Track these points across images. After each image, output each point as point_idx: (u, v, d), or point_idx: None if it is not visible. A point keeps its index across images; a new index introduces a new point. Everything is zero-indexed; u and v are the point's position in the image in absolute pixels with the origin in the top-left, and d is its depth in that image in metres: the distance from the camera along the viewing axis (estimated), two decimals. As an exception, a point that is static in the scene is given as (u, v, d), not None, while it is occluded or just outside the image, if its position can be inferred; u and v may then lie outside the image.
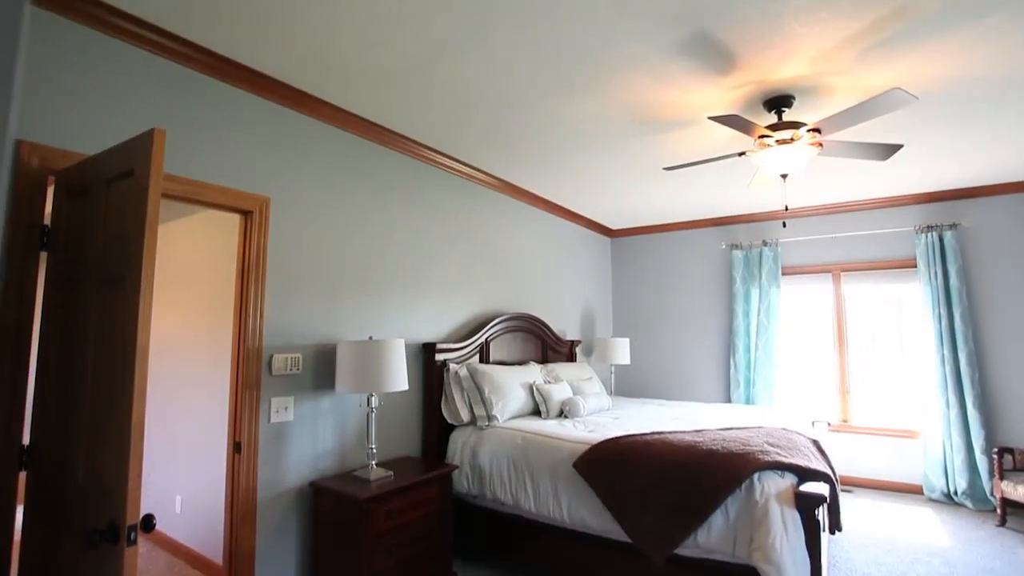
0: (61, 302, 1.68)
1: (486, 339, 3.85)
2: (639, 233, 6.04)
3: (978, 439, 4.18)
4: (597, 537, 2.67)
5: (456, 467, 3.03)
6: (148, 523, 1.19)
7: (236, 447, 2.39)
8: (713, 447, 2.50)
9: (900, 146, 2.76)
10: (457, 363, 3.52)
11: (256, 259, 2.48)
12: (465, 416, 3.28)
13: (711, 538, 2.29)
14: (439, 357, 3.42)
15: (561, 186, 4.43)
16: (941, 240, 4.47)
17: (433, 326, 3.55)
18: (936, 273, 4.45)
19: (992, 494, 3.99)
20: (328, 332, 2.82)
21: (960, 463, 4.24)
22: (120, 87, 2.08)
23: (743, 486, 2.27)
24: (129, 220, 1.36)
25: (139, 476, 1.20)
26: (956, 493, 4.26)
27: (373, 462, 2.67)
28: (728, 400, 5.31)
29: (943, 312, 4.40)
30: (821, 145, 2.78)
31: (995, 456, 3.86)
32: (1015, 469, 3.89)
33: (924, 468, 4.45)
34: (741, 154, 2.97)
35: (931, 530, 3.75)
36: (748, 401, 5.13)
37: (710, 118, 2.50)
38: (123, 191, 1.45)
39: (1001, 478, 3.78)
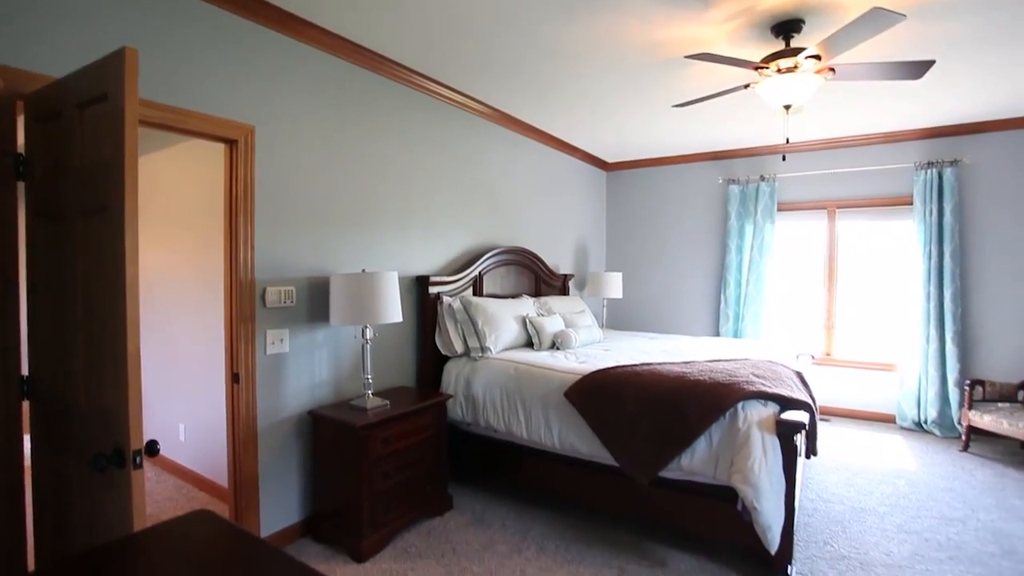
0: (45, 233, 1.64)
1: (480, 272, 3.86)
2: (635, 167, 5.92)
3: (953, 372, 4.35)
4: (586, 461, 2.81)
5: (450, 396, 3.12)
6: (152, 448, 1.23)
7: (235, 378, 2.44)
8: (700, 378, 2.59)
9: (932, 62, 2.50)
10: (451, 296, 3.54)
11: (244, 191, 2.42)
12: (459, 348, 3.35)
13: (694, 462, 2.41)
14: (433, 290, 3.44)
15: (558, 118, 4.28)
16: (940, 177, 4.42)
17: (427, 259, 3.54)
18: (931, 211, 4.44)
19: (959, 423, 4.20)
20: (321, 265, 2.81)
21: (933, 394, 4.43)
22: (91, 4, 1.93)
23: (727, 414, 2.37)
24: (107, 147, 1.31)
25: (139, 403, 1.22)
26: (926, 422, 4.48)
27: (369, 392, 2.74)
28: (717, 334, 5.43)
29: (934, 250, 4.43)
30: (833, 71, 2.64)
31: (967, 388, 4.03)
32: (984, 400, 4.08)
33: (898, 399, 4.64)
34: (746, 86, 2.85)
35: (900, 455, 3.97)
36: (736, 335, 5.25)
37: (687, 57, 2.41)
38: (97, 116, 1.38)
39: (970, 408, 3.97)
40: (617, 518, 2.90)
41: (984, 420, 3.84)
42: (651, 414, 2.52)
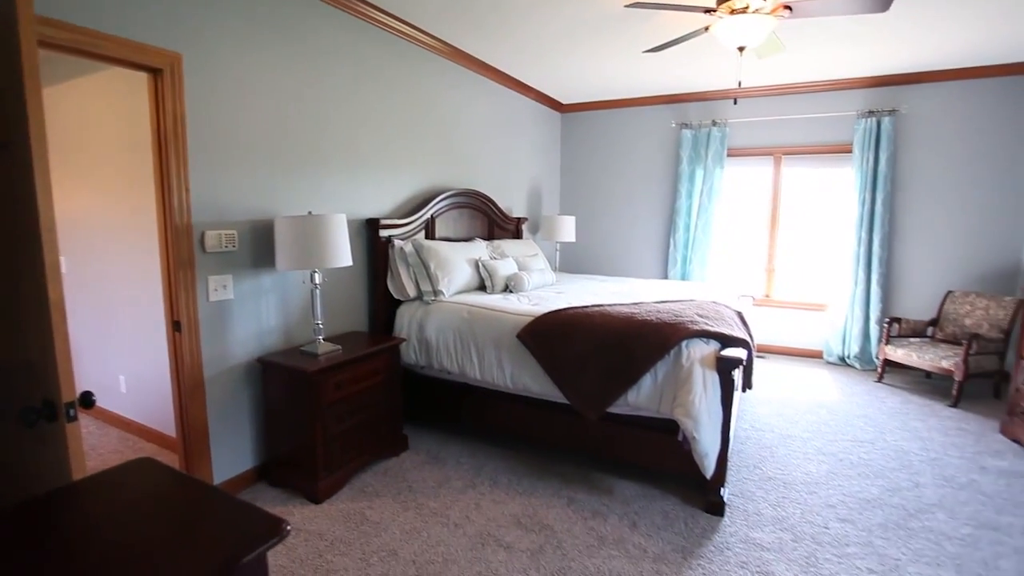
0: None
1: (432, 215, 3.78)
2: (590, 109, 5.83)
3: (875, 311, 4.70)
4: (537, 400, 2.91)
5: (404, 340, 3.12)
6: (87, 400, 1.17)
7: (175, 326, 2.34)
8: (648, 318, 2.68)
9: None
10: (402, 239, 3.47)
11: (174, 126, 2.23)
12: (411, 291, 3.32)
13: (640, 397, 2.54)
14: (383, 233, 3.35)
15: (513, 56, 4.11)
16: (879, 126, 4.58)
17: (376, 201, 3.43)
18: (868, 159, 4.63)
19: (877, 357, 4.59)
20: (264, 207, 2.67)
21: (857, 331, 4.79)
22: None
23: (672, 352, 2.49)
24: (2, 73, 1.16)
25: (67, 354, 1.15)
26: (849, 357, 4.87)
27: (320, 337, 2.70)
28: (666, 276, 5.61)
29: (867, 197, 4.66)
30: (789, 8, 2.61)
31: (886, 325, 4.38)
32: (900, 335, 4.45)
33: (827, 336, 5.00)
34: (710, 11, 2.77)
35: (824, 387, 4.33)
36: (684, 277, 5.44)
37: (626, 7, 2.33)
38: (-10, 34, 1.21)
39: (887, 343, 4.33)
40: (567, 452, 3.05)
41: (898, 354, 4.20)
42: (601, 353, 2.61)
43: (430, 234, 3.79)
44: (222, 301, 2.51)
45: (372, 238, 3.34)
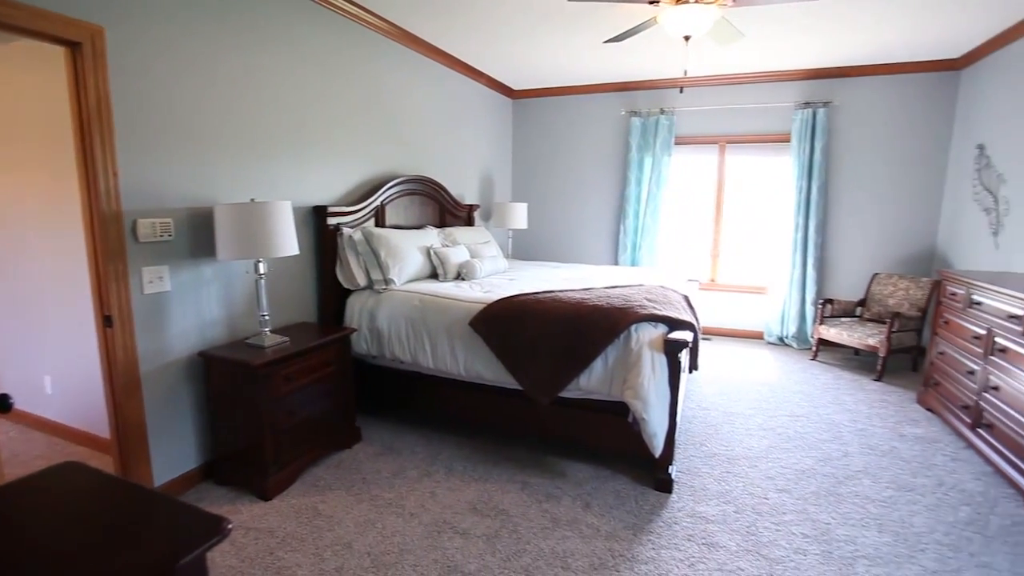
0: None
1: (381, 202, 3.70)
2: (541, 95, 5.83)
3: (810, 293, 4.97)
4: (491, 386, 2.93)
5: (354, 330, 3.06)
6: (3, 403, 1.09)
7: (106, 321, 2.20)
8: (598, 303, 2.74)
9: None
10: (351, 227, 3.39)
11: (97, 106, 2.08)
12: (361, 280, 3.25)
13: (591, 381, 2.60)
14: (331, 221, 3.26)
15: (463, 39, 4.05)
16: (814, 117, 4.81)
17: (324, 188, 3.32)
18: (805, 148, 4.86)
19: (811, 336, 4.87)
20: (202, 194, 2.54)
21: (794, 313, 5.06)
22: None
23: (621, 336, 2.55)
24: None
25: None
26: (787, 337, 5.14)
27: (266, 329, 2.61)
28: (616, 262, 5.73)
29: (804, 184, 4.90)
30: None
31: (819, 306, 4.65)
32: (832, 316, 4.73)
33: (767, 318, 5.26)
34: (653, 2, 2.80)
35: (764, 366, 4.55)
36: (634, 263, 5.58)
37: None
38: None
39: (821, 323, 4.60)
40: (521, 437, 3.09)
41: (830, 333, 4.47)
42: (552, 339, 2.65)
43: (380, 222, 3.71)
44: (158, 293, 2.38)
45: (320, 226, 3.24)
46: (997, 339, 2.81)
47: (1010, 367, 2.67)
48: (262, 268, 2.55)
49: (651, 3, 2.78)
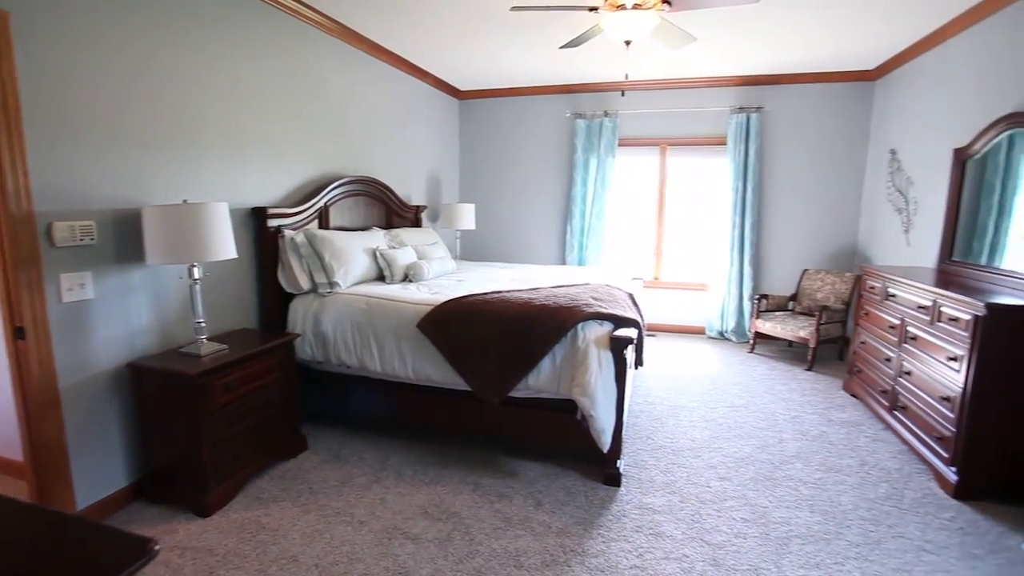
0: None
1: (325, 204, 3.61)
2: (488, 96, 5.84)
3: (747, 289, 5.23)
4: (440, 388, 2.91)
5: (298, 335, 2.97)
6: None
7: (17, 333, 2.03)
8: (546, 303, 2.77)
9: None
10: (293, 229, 3.28)
11: (3, 98, 1.91)
12: (305, 284, 3.16)
13: (540, 380, 2.63)
14: (272, 223, 3.15)
15: (407, 38, 4.00)
16: (748, 121, 5.05)
17: (263, 189, 3.20)
18: (740, 151, 5.10)
19: (749, 330, 5.12)
20: (129, 195, 2.39)
21: (733, 308, 5.30)
22: None
23: (569, 335, 2.60)
24: None
25: None
26: (726, 331, 5.38)
27: (203, 337, 2.48)
28: (563, 262, 5.82)
29: (740, 185, 5.14)
30: (668, 3, 2.77)
31: (756, 301, 4.90)
32: (767, 310, 5.00)
33: (708, 314, 5.48)
34: (592, 9, 2.87)
35: (706, 360, 4.75)
36: (580, 263, 5.68)
37: (512, 10, 2.46)
38: None
39: (757, 317, 4.84)
40: (471, 438, 3.09)
41: (766, 326, 4.72)
42: (501, 339, 2.66)
43: (324, 223, 3.61)
44: (79, 302, 2.22)
45: (259, 228, 3.12)
46: (909, 328, 3.04)
47: (920, 353, 2.91)
48: (197, 273, 2.43)
49: (591, 10, 2.84)
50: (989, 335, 2.40)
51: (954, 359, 2.57)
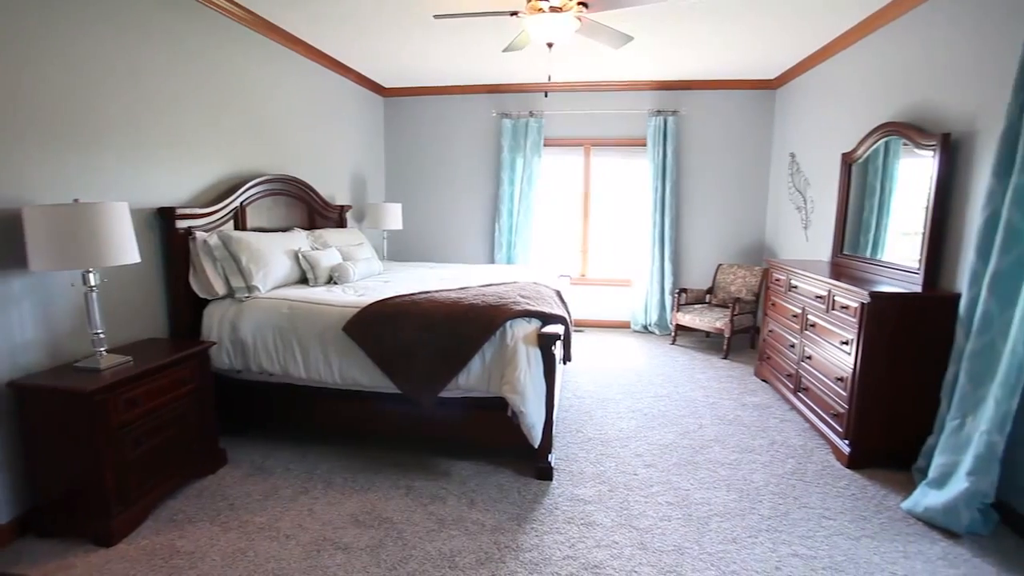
0: None
1: (241, 203, 3.41)
2: (413, 94, 5.76)
3: (668, 283, 5.50)
4: (369, 392, 2.84)
5: (214, 343, 2.79)
6: None
7: None
8: (474, 302, 2.78)
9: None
10: (206, 231, 3.08)
11: None
12: (220, 289, 2.97)
13: (470, 379, 2.64)
14: (182, 224, 2.94)
15: (329, 32, 3.87)
16: (665, 124, 5.31)
17: (171, 188, 2.98)
18: (659, 152, 5.35)
19: (670, 323, 5.39)
20: (6, 193, 2.14)
21: (655, 302, 5.56)
22: None
23: (497, 333, 2.62)
24: None
25: None
26: (650, 324, 5.64)
27: (102, 349, 2.28)
28: (492, 261, 5.85)
29: (659, 185, 5.39)
30: (585, 6, 2.88)
31: (676, 295, 5.16)
32: (687, 303, 5.28)
33: (632, 308, 5.71)
34: (513, 13, 2.92)
35: (631, 353, 4.95)
36: (509, 261, 5.73)
37: (436, 17, 2.52)
38: None
39: (677, 310, 5.11)
40: (403, 441, 3.04)
41: (685, 319, 4.99)
42: (429, 339, 2.64)
43: (240, 224, 3.42)
44: (-52, 315, 1.96)
45: (167, 230, 2.90)
46: (809, 316, 3.33)
47: (818, 339, 3.19)
48: (93, 280, 2.22)
49: (512, 14, 2.89)
50: (873, 320, 2.68)
51: (846, 343, 2.84)
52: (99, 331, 2.27)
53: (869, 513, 2.41)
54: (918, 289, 2.79)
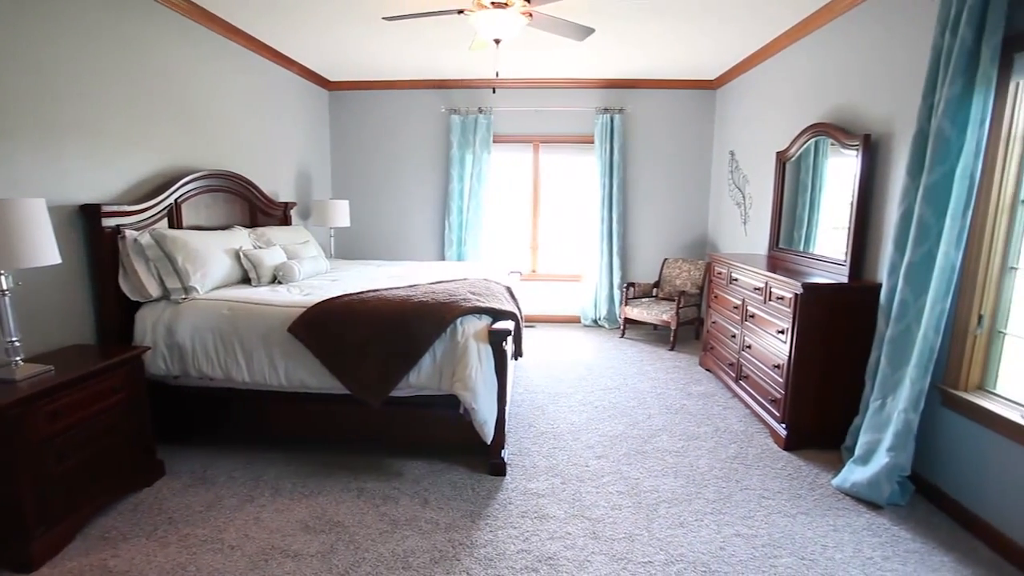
0: None
1: (176, 200, 3.24)
2: (359, 88, 5.63)
3: (616, 278, 5.63)
4: (317, 395, 2.77)
5: (148, 348, 2.64)
6: None
7: None
8: (424, 299, 2.76)
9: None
10: (136, 229, 2.91)
11: None
12: (154, 291, 2.82)
13: (421, 377, 2.61)
14: (109, 222, 2.76)
15: (268, 22, 3.71)
16: (612, 121, 5.42)
17: (95, 183, 2.78)
18: (606, 149, 5.45)
19: (619, 316, 5.52)
20: (-102, 191, 1.95)
21: (604, 297, 5.68)
22: None
23: (448, 330, 2.61)
24: None
25: None
26: (599, 318, 5.75)
27: (18, 358, 2.11)
28: (443, 258, 5.81)
29: (607, 182, 5.50)
30: (531, 16, 2.92)
31: (624, 289, 5.29)
32: (634, 297, 5.42)
33: (582, 303, 5.82)
34: (460, 11, 2.92)
35: (582, 347, 5.03)
36: (460, 258, 5.71)
37: (385, 19, 2.45)
38: None
39: (626, 304, 5.23)
40: (354, 443, 2.97)
41: (633, 312, 5.12)
42: (379, 338, 2.60)
43: (176, 223, 3.25)
44: None
45: (93, 228, 2.72)
46: (749, 307, 3.49)
47: (757, 329, 3.35)
48: (5, 283, 2.05)
49: (459, 12, 2.88)
50: (805, 310, 2.84)
51: (782, 332, 3.00)
52: (14, 339, 2.10)
53: (804, 491, 2.57)
54: (845, 280, 2.97)
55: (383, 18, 2.92)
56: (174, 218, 3.24)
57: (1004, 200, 2.21)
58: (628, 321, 5.36)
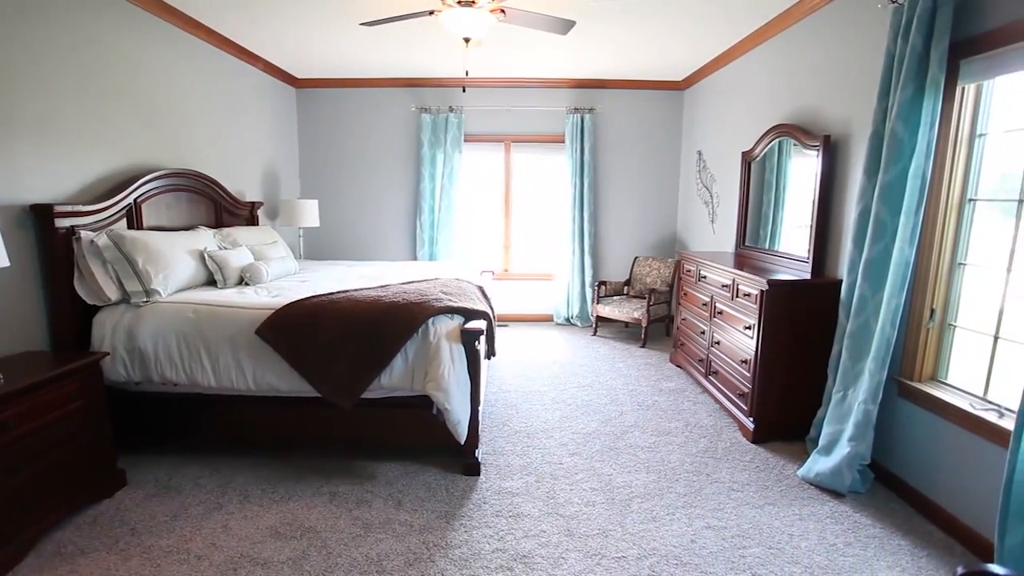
0: None
1: (136, 200, 3.13)
2: (328, 86, 5.53)
3: (588, 276, 5.68)
4: (287, 398, 2.72)
5: (106, 354, 2.54)
6: None
7: None
8: (395, 300, 2.73)
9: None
10: (93, 230, 2.80)
11: None
12: (113, 294, 2.72)
13: (393, 378, 2.59)
14: (63, 223, 2.64)
15: (232, 17, 3.61)
16: (583, 121, 5.46)
17: (48, 183, 2.66)
18: (577, 149, 5.49)
19: (591, 315, 5.57)
20: None
21: (576, 295, 5.73)
22: None
23: (420, 330, 2.59)
24: None
25: None
26: (572, 317, 5.80)
27: (-35, 366, 2.01)
28: (415, 258, 5.76)
29: (578, 181, 5.55)
30: (504, 12, 2.91)
31: (596, 287, 5.34)
32: (606, 295, 5.48)
33: (555, 302, 5.85)
34: (431, 13, 2.91)
35: (555, 345, 5.06)
36: (432, 258, 5.67)
37: (362, 24, 2.40)
38: None
39: (597, 302, 5.29)
40: (325, 447, 2.93)
41: (605, 310, 5.18)
42: (349, 340, 2.57)
43: (136, 223, 3.14)
44: None
45: (45, 229, 2.59)
46: (717, 304, 3.57)
47: (725, 325, 3.43)
48: (-50, 288, 1.95)
49: (430, 13, 2.87)
50: (771, 306, 2.92)
51: (749, 328, 3.08)
52: (-38, 346, 2.00)
53: (771, 483, 2.64)
54: (808, 276, 3.07)
55: (361, 24, 2.86)
56: (134, 218, 3.13)
57: (952, 199, 2.32)
58: (600, 319, 5.41)
